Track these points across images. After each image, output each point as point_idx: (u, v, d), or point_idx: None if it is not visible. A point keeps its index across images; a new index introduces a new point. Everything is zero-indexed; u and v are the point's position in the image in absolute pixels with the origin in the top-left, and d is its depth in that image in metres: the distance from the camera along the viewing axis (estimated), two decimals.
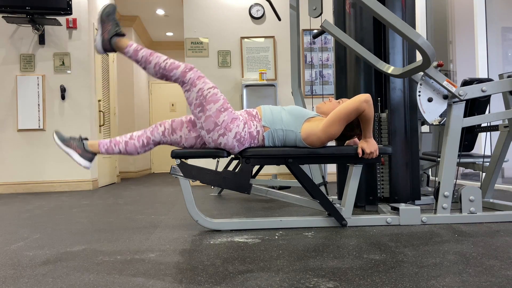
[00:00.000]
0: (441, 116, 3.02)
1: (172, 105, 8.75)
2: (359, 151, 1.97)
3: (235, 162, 5.00)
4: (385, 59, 2.64)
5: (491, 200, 2.54)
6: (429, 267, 1.33)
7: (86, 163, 2.01)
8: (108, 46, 1.95)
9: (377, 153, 1.98)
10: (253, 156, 1.99)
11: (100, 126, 5.03)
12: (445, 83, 2.08)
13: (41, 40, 4.61)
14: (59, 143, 2.00)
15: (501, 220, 2.11)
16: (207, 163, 4.92)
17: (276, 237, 1.85)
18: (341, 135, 2.11)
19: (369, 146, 1.96)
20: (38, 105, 4.57)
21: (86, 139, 2.05)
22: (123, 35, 1.96)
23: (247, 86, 4.84)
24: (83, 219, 2.50)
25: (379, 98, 2.68)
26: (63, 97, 4.62)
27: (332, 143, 4.67)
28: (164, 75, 1.91)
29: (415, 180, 2.59)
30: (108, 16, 1.94)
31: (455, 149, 2.13)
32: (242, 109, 4.72)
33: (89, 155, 2.01)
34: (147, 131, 2.03)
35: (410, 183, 2.57)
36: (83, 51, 4.69)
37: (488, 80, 2.59)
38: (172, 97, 8.76)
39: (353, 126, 2.06)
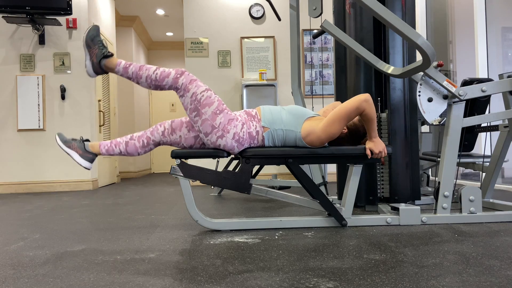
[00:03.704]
0: (441, 116, 3.02)
1: (172, 105, 8.75)
2: (368, 152, 1.97)
3: (235, 162, 5.00)
4: (385, 59, 2.64)
5: (491, 200, 2.54)
6: (429, 267, 1.33)
7: (86, 163, 2.02)
8: (99, 69, 1.96)
9: (386, 152, 1.98)
10: (253, 156, 1.99)
11: (100, 126, 5.04)
12: (445, 83, 2.08)
13: (41, 40, 4.61)
14: (61, 144, 2.03)
15: (501, 220, 2.11)
16: (207, 163, 4.92)
17: (276, 237, 1.85)
18: (353, 141, 2.13)
19: (376, 146, 1.96)
20: (38, 105, 4.57)
21: (88, 140, 2.08)
22: (111, 55, 1.96)
23: (247, 86, 4.84)
24: (83, 219, 2.50)
25: (379, 98, 2.68)
26: (63, 97, 4.62)
27: None
28: (158, 86, 1.91)
29: (415, 180, 2.59)
30: (92, 40, 1.94)
31: (455, 149, 2.13)
32: (242, 109, 4.72)
33: (90, 156, 2.03)
34: (147, 131, 2.04)
35: (410, 183, 2.57)
36: (83, 51, 4.69)
37: (488, 80, 2.59)
38: (172, 97, 8.77)
39: (360, 134, 2.08)
